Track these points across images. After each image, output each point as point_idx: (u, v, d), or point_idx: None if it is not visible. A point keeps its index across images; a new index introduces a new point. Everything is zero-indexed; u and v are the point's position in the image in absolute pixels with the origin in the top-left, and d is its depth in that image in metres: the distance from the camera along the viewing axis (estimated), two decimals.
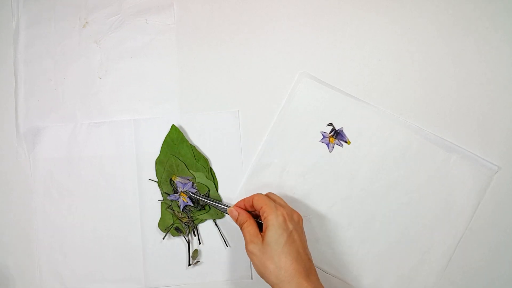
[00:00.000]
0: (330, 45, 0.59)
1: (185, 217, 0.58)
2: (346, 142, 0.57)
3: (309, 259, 0.49)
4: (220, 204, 0.55)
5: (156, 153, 0.59)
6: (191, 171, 0.58)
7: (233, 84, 0.60)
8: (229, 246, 0.58)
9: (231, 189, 0.58)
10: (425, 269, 0.56)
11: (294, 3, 0.60)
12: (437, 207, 0.57)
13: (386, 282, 0.57)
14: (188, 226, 0.58)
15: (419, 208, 0.57)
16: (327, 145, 0.57)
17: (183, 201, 0.58)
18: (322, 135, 0.57)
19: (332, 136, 0.57)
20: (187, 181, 0.57)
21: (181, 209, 0.58)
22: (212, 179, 0.58)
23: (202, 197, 0.56)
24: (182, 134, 0.58)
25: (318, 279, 0.48)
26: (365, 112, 0.58)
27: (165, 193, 0.58)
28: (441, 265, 0.56)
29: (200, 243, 0.58)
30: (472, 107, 0.58)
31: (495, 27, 0.58)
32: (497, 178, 0.56)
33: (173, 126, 0.58)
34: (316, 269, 0.57)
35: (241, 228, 0.50)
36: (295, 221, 0.49)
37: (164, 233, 0.58)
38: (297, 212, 0.51)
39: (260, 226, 0.50)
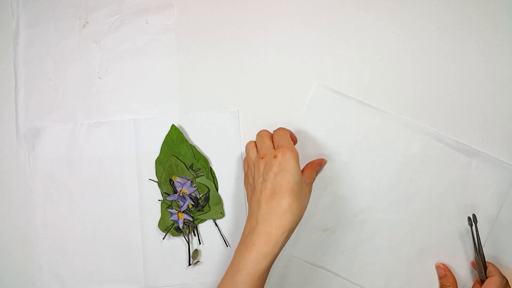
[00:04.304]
0: (330, 44, 0.59)
1: None
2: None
3: None
4: None
5: (156, 153, 0.58)
6: (191, 171, 0.58)
7: (233, 84, 0.60)
8: (229, 246, 0.58)
9: (231, 189, 0.58)
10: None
11: (294, 3, 0.60)
12: (460, 212, 0.56)
13: None
14: (188, 226, 0.58)
15: (443, 214, 0.56)
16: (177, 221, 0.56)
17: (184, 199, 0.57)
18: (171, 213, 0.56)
19: (181, 211, 0.56)
20: (186, 181, 0.57)
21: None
22: (212, 179, 0.58)
23: None
24: (182, 134, 0.58)
25: None
26: (383, 120, 0.57)
27: (165, 193, 0.58)
28: (467, 270, 0.56)
29: (200, 243, 0.58)
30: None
31: (495, 27, 0.58)
32: None
33: (173, 126, 0.58)
34: (343, 280, 0.57)
35: None
36: None
37: (164, 233, 0.58)
38: None
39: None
